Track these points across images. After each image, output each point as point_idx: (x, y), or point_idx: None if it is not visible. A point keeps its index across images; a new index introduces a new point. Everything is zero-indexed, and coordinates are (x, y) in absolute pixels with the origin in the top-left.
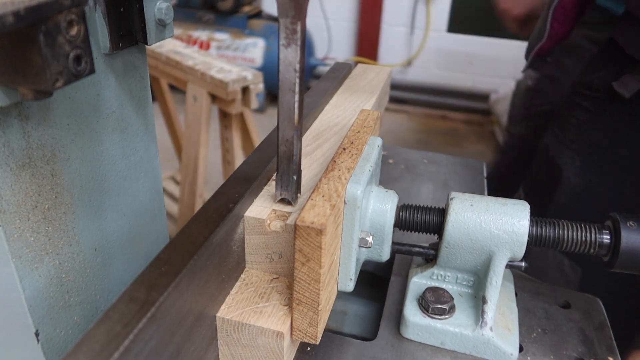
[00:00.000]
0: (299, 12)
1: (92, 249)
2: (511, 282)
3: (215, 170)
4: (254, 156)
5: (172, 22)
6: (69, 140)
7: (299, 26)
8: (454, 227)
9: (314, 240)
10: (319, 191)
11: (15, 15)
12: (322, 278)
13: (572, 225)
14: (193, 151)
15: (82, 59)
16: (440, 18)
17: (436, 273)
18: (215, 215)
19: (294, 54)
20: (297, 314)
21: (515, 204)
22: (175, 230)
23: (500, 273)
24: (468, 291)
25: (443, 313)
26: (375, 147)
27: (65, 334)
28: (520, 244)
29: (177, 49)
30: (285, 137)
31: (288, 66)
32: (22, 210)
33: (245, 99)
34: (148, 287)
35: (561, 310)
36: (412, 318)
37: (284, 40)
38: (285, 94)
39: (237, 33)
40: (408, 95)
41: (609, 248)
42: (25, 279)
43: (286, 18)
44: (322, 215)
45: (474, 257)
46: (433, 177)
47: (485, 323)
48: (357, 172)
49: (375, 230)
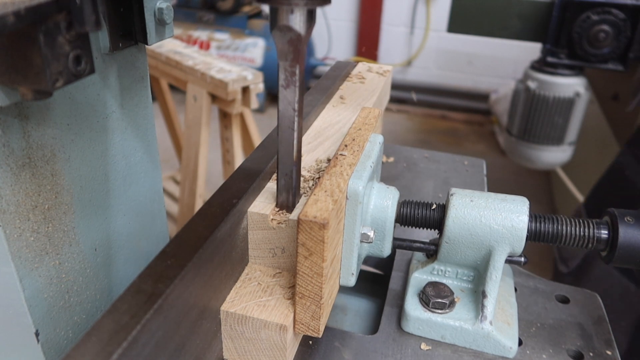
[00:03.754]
0: (297, 56)
1: (92, 249)
2: (511, 277)
3: (215, 170)
4: (257, 153)
5: (172, 22)
6: (69, 140)
7: (298, 69)
8: (454, 222)
9: (317, 235)
10: (322, 186)
11: (16, 15)
12: (324, 272)
13: (570, 220)
14: (193, 151)
15: (82, 59)
16: (440, 18)
17: (437, 268)
18: (219, 210)
19: (292, 94)
20: (299, 307)
21: (514, 199)
22: (175, 230)
23: (500, 268)
24: (468, 286)
25: (443, 307)
26: (377, 144)
27: (65, 334)
28: (519, 239)
29: (177, 49)
30: (284, 172)
31: (287, 105)
32: (22, 210)
33: (245, 99)
34: (155, 280)
35: (560, 305)
36: (413, 312)
37: (284, 81)
38: (285, 131)
39: (237, 33)
40: (408, 95)
41: (607, 243)
42: (25, 279)
43: (285, 61)
44: (324, 210)
45: (474, 252)
46: (433, 174)
47: (485, 317)
48: (359, 168)
49: (377, 225)
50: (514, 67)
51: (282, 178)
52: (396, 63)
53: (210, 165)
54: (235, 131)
